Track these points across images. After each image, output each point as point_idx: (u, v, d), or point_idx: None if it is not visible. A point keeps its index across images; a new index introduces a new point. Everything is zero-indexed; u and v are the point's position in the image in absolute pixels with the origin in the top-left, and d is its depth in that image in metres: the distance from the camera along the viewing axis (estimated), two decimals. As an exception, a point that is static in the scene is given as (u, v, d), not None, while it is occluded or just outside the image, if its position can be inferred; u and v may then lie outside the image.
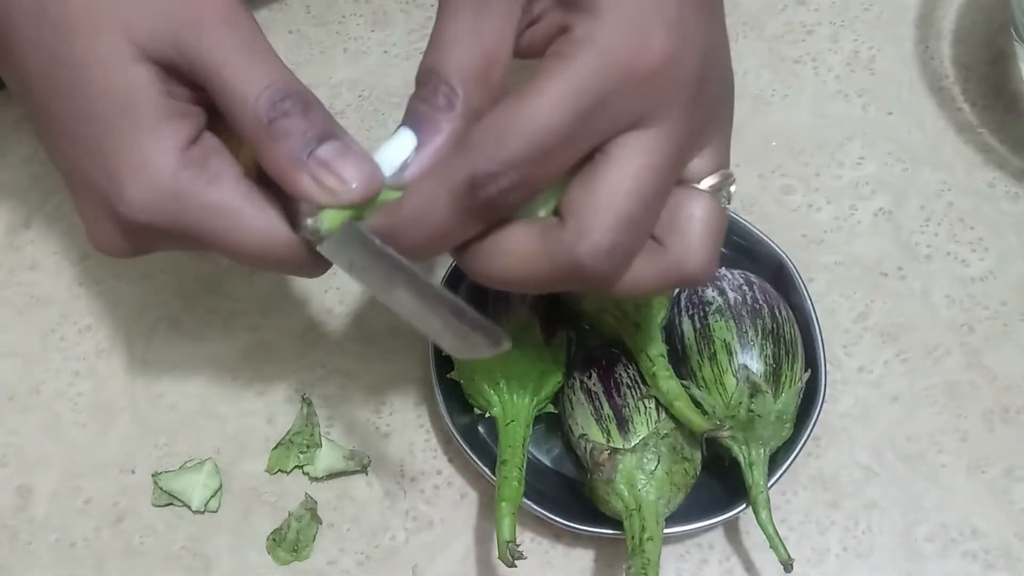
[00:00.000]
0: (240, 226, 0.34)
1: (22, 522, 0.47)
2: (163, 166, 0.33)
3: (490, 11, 0.33)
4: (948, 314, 0.50)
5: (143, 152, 0.33)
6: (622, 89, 0.32)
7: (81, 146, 0.34)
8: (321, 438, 0.48)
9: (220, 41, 0.33)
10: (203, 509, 0.47)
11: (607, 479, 0.42)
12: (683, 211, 0.35)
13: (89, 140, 0.34)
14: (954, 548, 0.45)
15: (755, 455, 0.43)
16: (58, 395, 0.50)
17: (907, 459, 0.47)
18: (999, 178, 0.53)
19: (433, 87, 0.33)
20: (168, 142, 0.33)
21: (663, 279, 0.35)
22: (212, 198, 0.34)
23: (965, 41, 0.56)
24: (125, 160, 0.33)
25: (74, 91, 0.34)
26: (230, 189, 0.34)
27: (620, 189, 0.32)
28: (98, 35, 0.33)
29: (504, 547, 0.39)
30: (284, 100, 0.33)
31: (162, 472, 0.47)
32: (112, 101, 0.33)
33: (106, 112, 0.34)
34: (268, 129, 0.33)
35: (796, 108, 0.55)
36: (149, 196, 0.33)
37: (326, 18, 0.58)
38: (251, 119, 0.33)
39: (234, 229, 0.34)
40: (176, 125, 0.34)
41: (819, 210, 0.52)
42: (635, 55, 0.32)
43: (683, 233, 0.34)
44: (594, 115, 0.32)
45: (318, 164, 0.33)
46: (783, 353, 0.44)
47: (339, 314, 0.51)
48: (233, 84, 0.33)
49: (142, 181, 0.33)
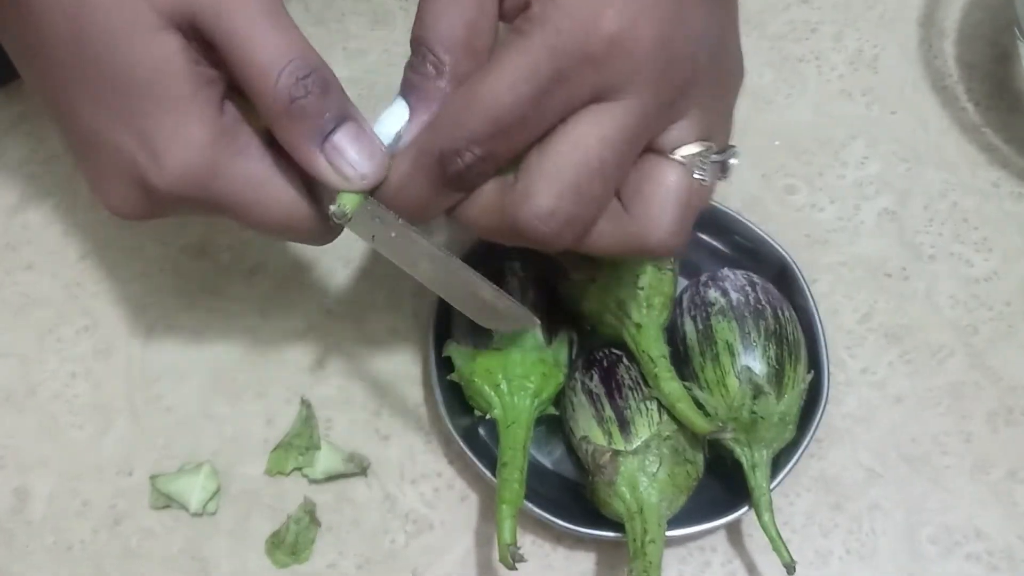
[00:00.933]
0: (268, 199, 0.35)
1: (19, 524, 0.47)
2: (200, 137, 0.34)
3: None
4: (952, 315, 0.49)
5: (179, 122, 0.34)
6: (576, 66, 0.33)
7: (109, 114, 0.34)
8: (320, 440, 0.47)
9: (240, 8, 0.33)
10: (201, 511, 0.46)
11: (609, 481, 0.41)
12: (650, 180, 0.36)
13: (120, 109, 0.34)
14: (958, 550, 0.45)
15: (758, 457, 0.42)
16: (55, 396, 0.49)
17: (911, 461, 0.47)
18: (1003, 178, 0.52)
19: (421, 56, 0.34)
20: (203, 112, 0.34)
21: (623, 245, 0.36)
22: (242, 170, 0.35)
23: (969, 40, 0.56)
24: (161, 130, 0.34)
25: (101, 60, 0.34)
26: (257, 161, 0.35)
27: (568, 159, 0.34)
28: (121, 2, 0.33)
29: (505, 550, 0.39)
30: (306, 78, 0.33)
31: (159, 475, 0.47)
32: (143, 71, 0.33)
33: (138, 82, 0.34)
34: (289, 108, 0.33)
35: (799, 107, 0.55)
36: (186, 167, 0.34)
37: (325, 16, 0.58)
38: (272, 95, 0.33)
39: (262, 202, 0.35)
40: (208, 93, 0.34)
41: (822, 210, 0.52)
42: (586, 33, 0.33)
43: (647, 201, 0.36)
44: (549, 93, 0.33)
45: (334, 150, 0.34)
46: (786, 354, 0.43)
47: (339, 315, 0.51)
48: (254, 55, 0.33)
49: (180, 151, 0.34)
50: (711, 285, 0.45)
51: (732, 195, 0.52)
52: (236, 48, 0.33)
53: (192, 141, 0.34)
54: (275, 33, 0.33)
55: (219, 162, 0.34)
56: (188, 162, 0.34)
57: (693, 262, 0.49)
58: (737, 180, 0.53)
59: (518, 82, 0.33)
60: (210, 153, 0.34)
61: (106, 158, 0.35)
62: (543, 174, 0.34)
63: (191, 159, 0.34)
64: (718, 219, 0.49)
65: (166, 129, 0.34)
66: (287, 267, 0.51)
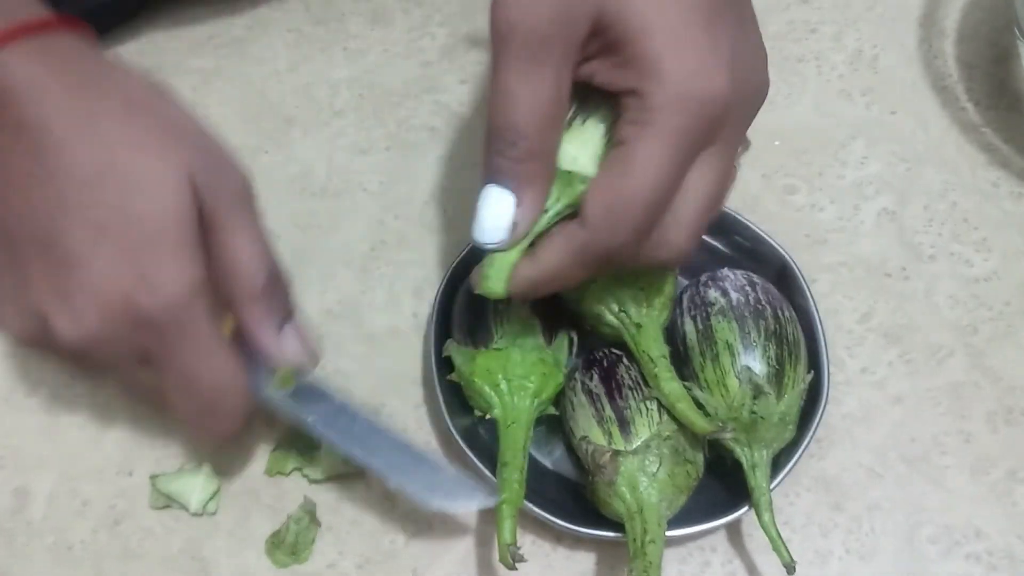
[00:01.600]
0: (220, 358, 0.39)
1: (19, 524, 0.47)
2: (194, 277, 0.37)
3: (550, 60, 0.36)
4: (952, 315, 0.49)
5: (182, 260, 0.37)
6: (705, 135, 0.37)
7: (110, 246, 0.37)
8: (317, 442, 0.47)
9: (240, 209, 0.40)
10: (201, 511, 0.46)
11: (609, 481, 0.41)
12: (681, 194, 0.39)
13: (124, 243, 0.37)
14: (957, 550, 0.45)
15: (758, 457, 0.42)
16: (55, 397, 0.49)
17: (910, 461, 0.47)
18: (1003, 178, 0.52)
19: (510, 142, 0.37)
20: (200, 261, 0.38)
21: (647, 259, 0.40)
22: (210, 322, 0.38)
23: (969, 40, 0.56)
24: (163, 261, 0.37)
25: (123, 193, 0.37)
26: (217, 328, 0.39)
27: (696, 208, 0.38)
28: (151, 151, 0.37)
29: (505, 550, 0.39)
30: (275, 276, 0.41)
31: (160, 474, 0.47)
32: (161, 211, 0.37)
33: (152, 219, 0.37)
34: (262, 299, 0.40)
35: (799, 107, 0.55)
36: (175, 296, 0.37)
37: (325, 16, 0.58)
38: (252, 287, 0.40)
39: (214, 357, 0.39)
40: (201, 251, 0.38)
41: (822, 210, 0.52)
42: (709, 103, 0.36)
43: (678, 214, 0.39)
44: (685, 166, 0.37)
45: (286, 334, 0.41)
46: (786, 354, 0.43)
47: (339, 315, 0.51)
48: (246, 250, 0.39)
49: (175, 282, 0.37)
50: (711, 285, 0.45)
51: (732, 195, 0.52)
52: (235, 237, 0.39)
53: (188, 277, 0.37)
54: (260, 234, 0.41)
55: (200, 303, 0.38)
56: (179, 293, 0.37)
57: (693, 262, 0.49)
58: (737, 180, 0.52)
59: (662, 173, 0.36)
60: (200, 290, 0.38)
61: (84, 278, 0.37)
62: (677, 224, 0.38)
63: (181, 292, 0.37)
64: (718, 219, 0.48)
65: (168, 261, 0.37)
66: (287, 267, 0.51)
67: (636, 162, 0.36)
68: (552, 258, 0.38)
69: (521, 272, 0.39)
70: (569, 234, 0.38)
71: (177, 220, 0.37)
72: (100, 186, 0.37)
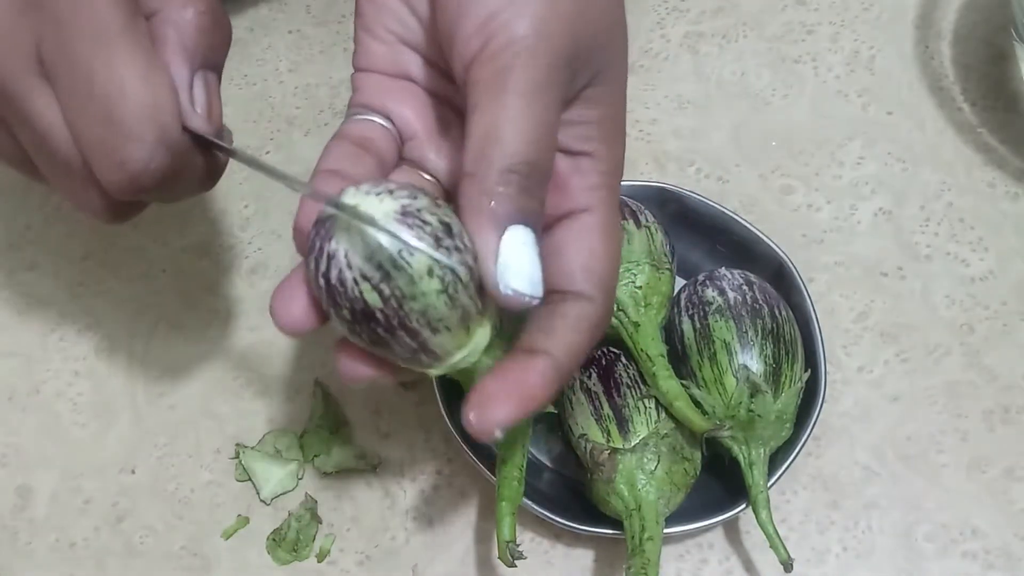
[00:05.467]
0: (149, 71, 0.31)
1: (22, 522, 0.47)
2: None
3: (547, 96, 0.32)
4: (948, 314, 0.50)
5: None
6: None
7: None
8: (346, 418, 0.48)
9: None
10: (268, 502, 0.47)
11: (607, 479, 0.42)
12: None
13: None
14: (954, 548, 0.45)
15: (755, 455, 0.43)
16: (58, 395, 0.50)
17: (907, 459, 0.47)
18: (999, 178, 0.53)
19: (541, 180, 0.32)
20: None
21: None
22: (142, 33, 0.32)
23: (965, 41, 0.56)
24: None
25: None
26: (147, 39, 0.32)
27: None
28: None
29: (504, 547, 0.39)
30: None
31: (247, 447, 0.47)
32: None
33: None
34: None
35: (796, 108, 0.55)
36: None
37: (326, 18, 0.59)
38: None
39: (125, 57, 0.31)
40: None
41: (819, 210, 0.52)
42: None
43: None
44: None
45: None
46: (783, 353, 0.44)
47: (339, 314, 0.51)
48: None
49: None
50: (708, 284, 0.45)
51: (729, 195, 0.52)
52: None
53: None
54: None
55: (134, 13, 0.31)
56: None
57: (691, 262, 0.49)
58: (734, 180, 0.53)
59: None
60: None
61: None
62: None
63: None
64: (715, 219, 0.49)
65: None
66: (287, 267, 0.51)
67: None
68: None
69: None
70: (581, 314, 0.34)
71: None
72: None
